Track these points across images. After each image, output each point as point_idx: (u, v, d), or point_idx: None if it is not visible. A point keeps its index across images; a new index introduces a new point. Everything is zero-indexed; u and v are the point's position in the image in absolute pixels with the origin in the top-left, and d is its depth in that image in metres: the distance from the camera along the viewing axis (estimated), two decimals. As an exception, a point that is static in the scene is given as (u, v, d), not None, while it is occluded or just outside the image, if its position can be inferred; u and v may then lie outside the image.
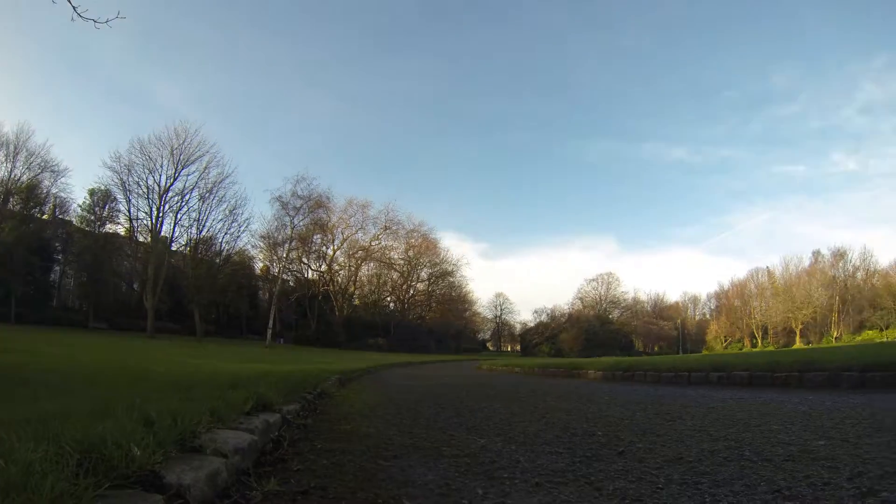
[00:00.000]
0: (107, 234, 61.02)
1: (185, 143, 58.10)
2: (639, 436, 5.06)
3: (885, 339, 54.09)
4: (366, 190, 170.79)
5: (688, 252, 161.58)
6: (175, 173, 58.24)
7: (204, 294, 56.94)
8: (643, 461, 3.97)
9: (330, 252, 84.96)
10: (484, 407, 7.88)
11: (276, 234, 69.22)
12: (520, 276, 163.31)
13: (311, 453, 4.21)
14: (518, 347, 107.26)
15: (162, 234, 59.44)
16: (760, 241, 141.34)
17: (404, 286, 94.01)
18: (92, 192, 59.99)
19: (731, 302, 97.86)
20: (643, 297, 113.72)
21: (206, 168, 59.40)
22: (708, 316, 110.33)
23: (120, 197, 58.82)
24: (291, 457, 4.01)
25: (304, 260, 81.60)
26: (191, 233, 60.69)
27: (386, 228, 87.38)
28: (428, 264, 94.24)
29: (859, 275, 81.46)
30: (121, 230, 62.17)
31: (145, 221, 58.92)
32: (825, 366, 9.34)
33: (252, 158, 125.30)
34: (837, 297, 77.40)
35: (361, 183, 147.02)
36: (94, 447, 2.43)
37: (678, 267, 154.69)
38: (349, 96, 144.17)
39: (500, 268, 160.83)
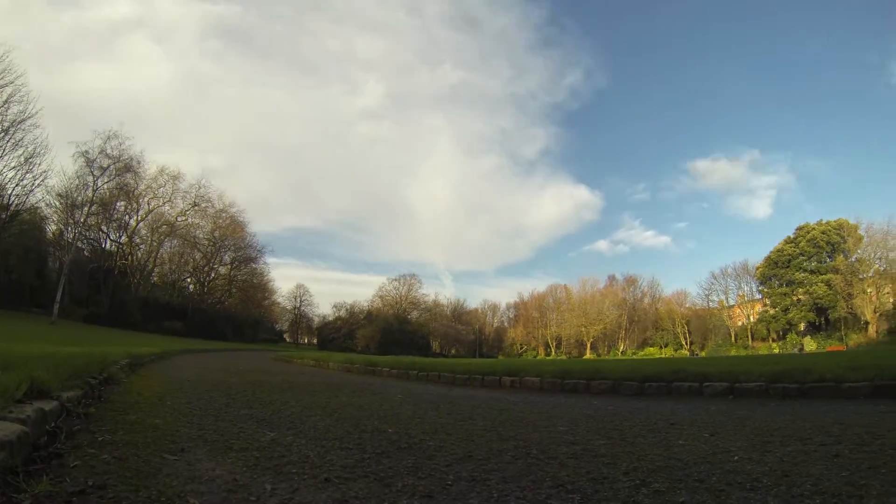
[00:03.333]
0: None
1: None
2: (430, 434, 5.39)
3: (663, 355, 65.33)
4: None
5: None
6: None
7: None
8: (433, 458, 4.23)
9: (133, 223, 79.09)
10: (276, 399, 8.11)
11: (75, 195, 64.40)
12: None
13: (91, 446, 3.95)
14: (315, 341, 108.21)
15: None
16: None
17: (206, 268, 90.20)
18: None
19: (529, 312, 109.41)
20: (444, 300, 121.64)
21: (6, 102, 48.98)
22: (506, 324, 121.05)
23: None
24: (69, 451, 3.74)
25: (104, 228, 75.04)
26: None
27: (195, 205, 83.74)
28: (233, 248, 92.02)
29: (646, 300, 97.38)
30: None
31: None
32: (609, 375, 10.75)
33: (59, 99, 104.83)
34: (626, 317, 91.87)
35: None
36: None
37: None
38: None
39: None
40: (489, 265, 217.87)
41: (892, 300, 63.29)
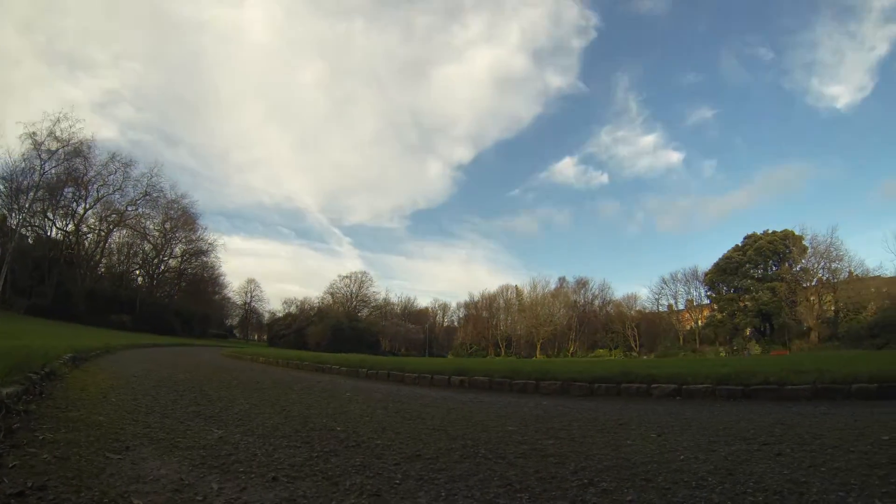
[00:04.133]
0: None
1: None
2: (378, 432, 5.43)
3: (612, 357, 66.91)
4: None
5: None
6: None
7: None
8: (382, 457, 4.27)
9: (80, 210, 75.46)
10: (225, 396, 8.15)
11: (20, 179, 61.62)
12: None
13: (31, 445, 3.93)
14: (265, 337, 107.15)
15: None
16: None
17: (156, 260, 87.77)
18: None
19: (479, 313, 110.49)
20: (394, 299, 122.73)
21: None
22: (456, 324, 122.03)
23: None
24: (8, 450, 3.72)
25: (50, 215, 71.70)
26: None
27: (146, 194, 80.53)
28: (184, 240, 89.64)
29: (597, 302, 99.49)
30: None
31: None
32: (559, 376, 10.93)
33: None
34: (576, 319, 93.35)
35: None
36: None
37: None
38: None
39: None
40: (391, 209, 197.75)
41: (833, 308, 66.65)
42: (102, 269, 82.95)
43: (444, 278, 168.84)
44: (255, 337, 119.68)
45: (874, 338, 50.30)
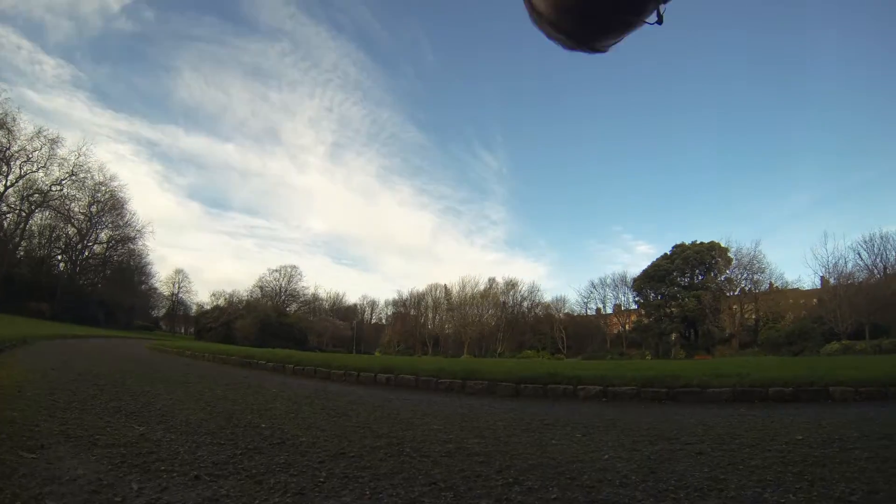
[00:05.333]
0: None
1: None
2: (304, 430, 5.43)
3: (539, 359, 68.49)
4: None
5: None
6: None
7: None
8: (306, 455, 4.27)
9: (0, 188, 70.21)
10: (148, 391, 8.03)
11: None
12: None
13: None
14: (193, 330, 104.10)
15: None
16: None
17: (80, 246, 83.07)
18: None
19: (407, 311, 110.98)
20: (323, 294, 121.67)
21: None
22: (384, 321, 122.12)
23: None
24: None
25: None
26: None
27: (73, 174, 76.10)
28: (111, 225, 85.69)
29: (526, 304, 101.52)
30: None
31: None
32: (485, 375, 11.09)
33: None
34: (505, 320, 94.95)
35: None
36: None
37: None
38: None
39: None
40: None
41: (753, 317, 70.77)
42: (22, 253, 78.62)
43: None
44: (183, 330, 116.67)
45: (791, 345, 54.07)
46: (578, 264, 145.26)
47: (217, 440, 4.65)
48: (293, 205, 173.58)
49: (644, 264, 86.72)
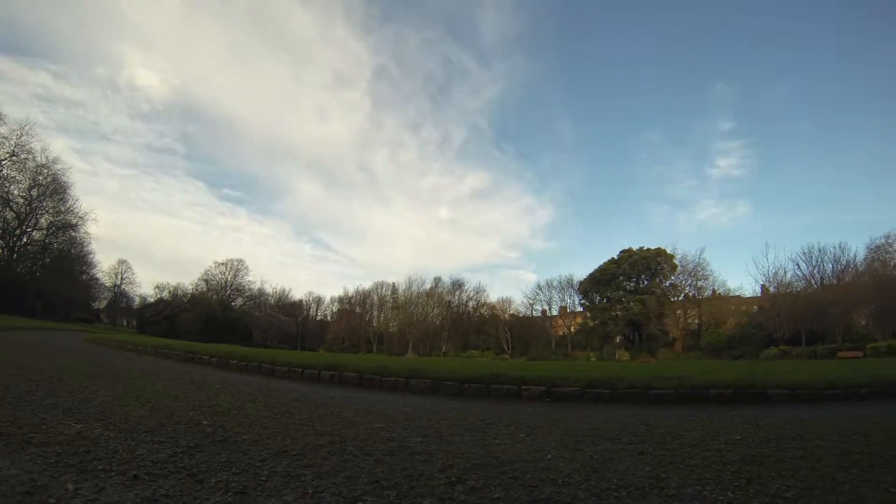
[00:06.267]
0: None
1: None
2: (246, 427, 5.39)
3: (484, 358, 69.18)
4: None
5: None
6: None
7: None
8: (248, 453, 4.24)
9: None
10: (86, 386, 7.88)
11: None
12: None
13: None
14: (135, 323, 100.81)
15: None
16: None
17: (18, 231, 78.47)
18: None
19: (353, 308, 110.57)
20: (269, 289, 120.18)
21: None
22: (329, 318, 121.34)
23: None
24: None
25: None
26: None
27: (13, 155, 72.05)
28: (52, 210, 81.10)
29: (471, 304, 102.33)
30: None
31: None
32: (429, 374, 11.18)
33: None
34: (450, 319, 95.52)
35: None
36: None
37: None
38: None
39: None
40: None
41: (696, 321, 73.50)
42: (-47, 239, 74.66)
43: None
44: (125, 323, 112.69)
45: (732, 349, 56.54)
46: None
47: (157, 438, 4.58)
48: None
49: (591, 267, 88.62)
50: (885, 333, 48.04)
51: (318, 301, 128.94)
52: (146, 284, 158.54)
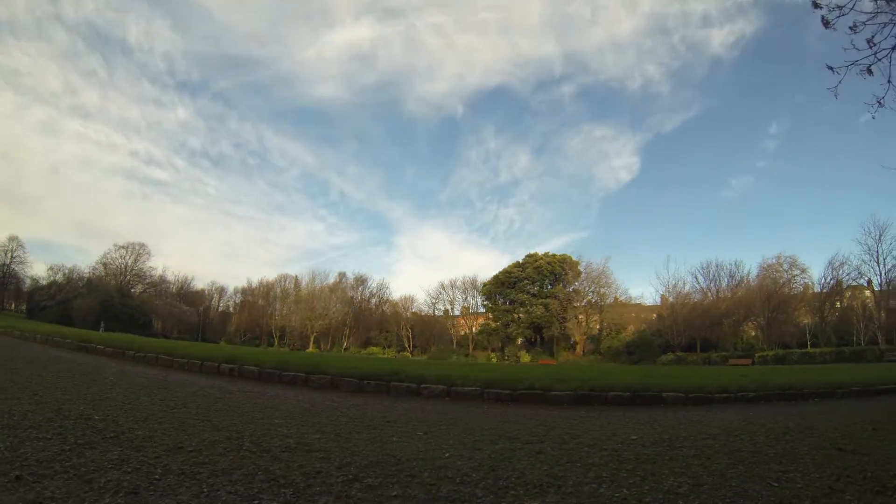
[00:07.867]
0: None
1: None
2: (140, 422, 5.23)
3: (384, 356, 69.44)
4: None
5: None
6: None
7: None
8: (142, 450, 4.11)
9: None
10: None
11: None
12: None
13: None
14: (24, 307, 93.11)
15: None
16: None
17: None
18: None
19: (255, 300, 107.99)
20: (171, 277, 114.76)
21: None
22: (231, 309, 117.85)
23: None
24: None
25: None
26: None
27: None
28: None
29: (374, 300, 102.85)
30: None
31: None
32: (329, 370, 11.15)
33: None
34: (352, 315, 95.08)
35: None
36: None
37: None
38: None
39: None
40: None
41: (598, 326, 76.78)
42: None
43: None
44: (13, 306, 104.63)
45: (631, 354, 59.86)
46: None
47: (43, 434, 4.38)
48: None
49: (495, 269, 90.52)
50: (773, 344, 53.31)
51: (221, 291, 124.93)
52: (40, 265, 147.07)
